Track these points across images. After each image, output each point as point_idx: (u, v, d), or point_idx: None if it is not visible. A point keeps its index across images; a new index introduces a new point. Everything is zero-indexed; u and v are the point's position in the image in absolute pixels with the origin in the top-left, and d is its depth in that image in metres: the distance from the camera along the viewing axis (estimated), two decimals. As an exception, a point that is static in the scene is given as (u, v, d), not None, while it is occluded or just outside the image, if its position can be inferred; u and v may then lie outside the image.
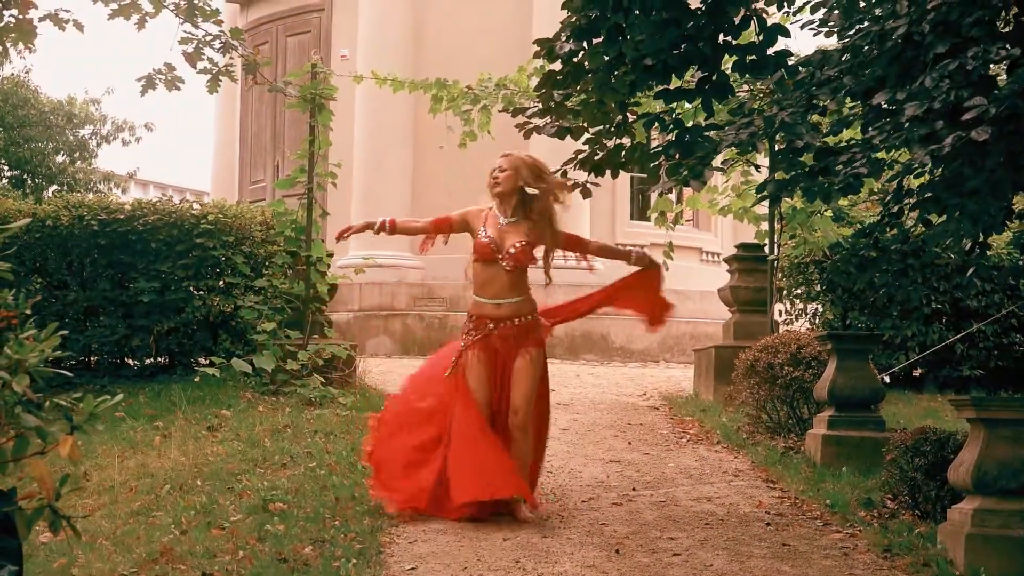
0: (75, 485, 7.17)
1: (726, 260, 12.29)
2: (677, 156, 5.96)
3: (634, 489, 7.69)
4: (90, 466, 7.98)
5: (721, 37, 5.95)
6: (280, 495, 6.92)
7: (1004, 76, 5.66)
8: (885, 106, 5.35)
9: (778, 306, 11.96)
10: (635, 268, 7.25)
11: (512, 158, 6.87)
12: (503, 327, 6.86)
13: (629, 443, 9.23)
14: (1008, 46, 4.97)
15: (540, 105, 6.49)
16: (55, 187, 24.54)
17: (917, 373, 12.13)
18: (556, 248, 7.00)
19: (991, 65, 5.03)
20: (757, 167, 7.54)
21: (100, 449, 8.35)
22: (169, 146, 67.62)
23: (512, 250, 6.80)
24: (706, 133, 5.99)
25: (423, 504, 6.78)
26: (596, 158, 6.52)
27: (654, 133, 6.61)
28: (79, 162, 25.45)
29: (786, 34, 5.91)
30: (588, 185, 6.84)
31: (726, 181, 11.79)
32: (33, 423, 2.95)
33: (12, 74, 24.67)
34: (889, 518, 6.93)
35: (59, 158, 25.01)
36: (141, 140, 26.30)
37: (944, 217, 5.71)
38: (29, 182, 24.32)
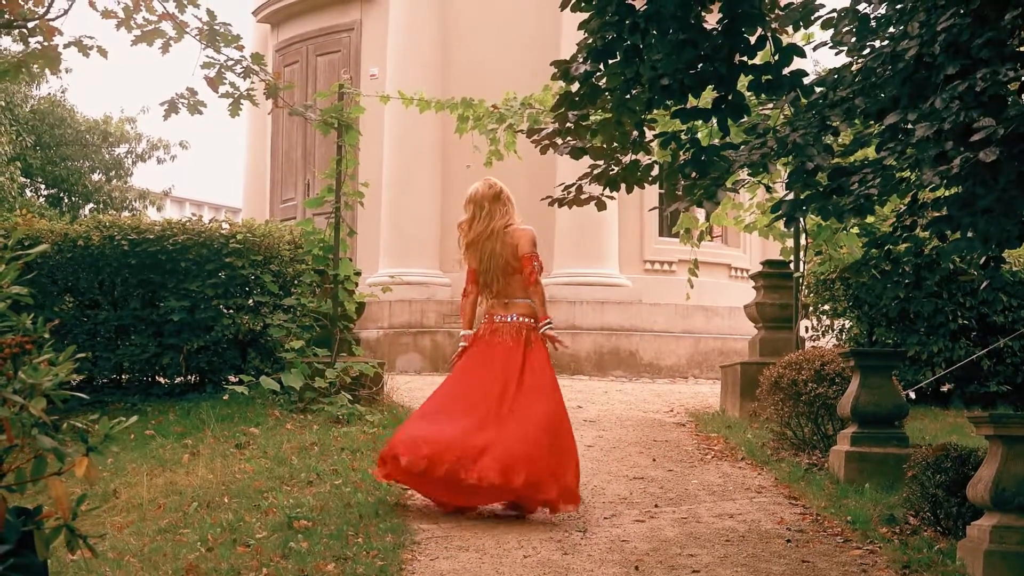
0: (93, 504, 7.31)
1: (752, 277, 12.31)
2: (693, 175, 6.02)
3: (656, 506, 7.73)
4: (119, 483, 8.10)
5: (737, 57, 6.00)
6: (305, 512, 7.01)
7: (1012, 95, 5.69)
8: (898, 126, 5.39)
9: (804, 322, 11.96)
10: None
11: None
12: None
13: (653, 460, 9.26)
14: (1018, 67, 5.01)
15: (557, 125, 6.56)
16: (91, 205, 24.87)
17: (945, 389, 12.10)
18: None
19: (1001, 86, 5.06)
20: (768, 188, 7.58)
21: (130, 467, 8.47)
22: (204, 163, 68.09)
23: None
24: (722, 152, 6.05)
25: None
26: (611, 173, 6.60)
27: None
28: (115, 180, 25.77)
29: (801, 54, 5.96)
30: (603, 198, 6.91)
31: (751, 198, 11.80)
32: (49, 445, 3.05)
33: (49, 94, 25.04)
34: (911, 535, 6.94)
35: (95, 176, 25.34)
36: (176, 158, 26.63)
37: (958, 234, 5.74)
38: (66, 200, 24.66)
